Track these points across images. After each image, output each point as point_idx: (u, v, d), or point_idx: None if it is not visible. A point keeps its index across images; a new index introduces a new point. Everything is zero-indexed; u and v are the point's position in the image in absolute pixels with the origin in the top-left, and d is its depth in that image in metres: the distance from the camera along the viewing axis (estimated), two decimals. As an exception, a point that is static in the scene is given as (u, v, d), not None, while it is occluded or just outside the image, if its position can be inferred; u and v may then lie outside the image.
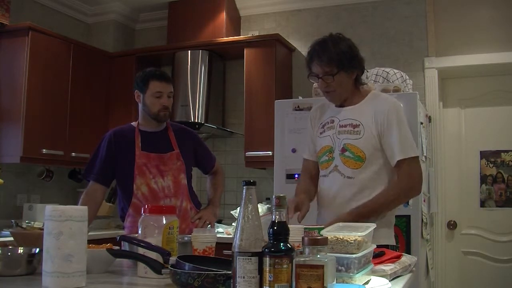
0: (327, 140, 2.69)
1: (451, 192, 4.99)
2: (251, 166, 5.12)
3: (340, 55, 2.56)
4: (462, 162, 5.00)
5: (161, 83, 3.17)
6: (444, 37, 4.90)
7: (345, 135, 2.61)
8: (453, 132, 5.06)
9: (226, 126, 5.58)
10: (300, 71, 5.33)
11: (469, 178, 4.97)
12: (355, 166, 2.56)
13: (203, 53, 5.38)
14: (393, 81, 4.28)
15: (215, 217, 3.34)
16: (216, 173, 3.54)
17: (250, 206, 1.51)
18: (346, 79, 2.61)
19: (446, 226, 4.98)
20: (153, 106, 3.17)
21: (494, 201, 4.89)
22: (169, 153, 3.20)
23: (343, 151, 2.59)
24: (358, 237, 1.69)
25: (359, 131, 2.58)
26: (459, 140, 5.05)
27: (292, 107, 4.37)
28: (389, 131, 2.53)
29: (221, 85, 5.67)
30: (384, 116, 2.55)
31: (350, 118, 2.63)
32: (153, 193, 3.10)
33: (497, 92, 4.94)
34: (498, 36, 4.72)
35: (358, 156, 2.55)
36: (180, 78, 5.35)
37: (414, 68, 4.92)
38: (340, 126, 2.64)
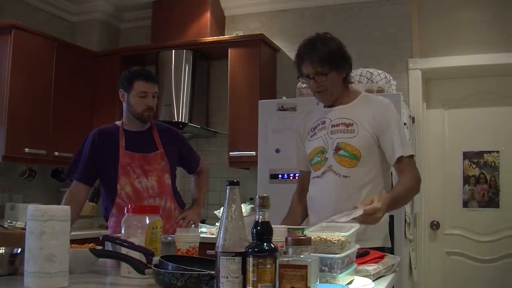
0: (318, 141, 2.68)
1: (434, 193, 5.02)
2: (234, 166, 5.12)
3: (331, 53, 2.57)
4: (445, 163, 5.04)
5: (146, 83, 3.16)
6: (428, 39, 4.93)
7: (338, 134, 2.61)
8: (437, 133, 5.09)
9: (210, 126, 5.57)
10: (284, 71, 5.34)
11: (452, 178, 5.00)
12: (350, 164, 2.56)
13: (187, 52, 5.37)
14: (377, 82, 4.29)
15: (199, 217, 3.34)
16: (201, 173, 3.54)
17: (234, 206, 1.51)
18: (337, 78, 2.62)
19: (429, 227, 5.01)
20: (137, 106, 3.16)
21: (476, 201, 4.93)
22: (153, 153, 3.19)
23: (337, 150, 2.59)
24: (341, 237, 1.69)
25: (353, 130, 2.58)
26: (442, 141, 5.08)
27: (276, 107, 4.37)
28: (388, 130, 2.56)
29: (205, 85, 5.66)
30: (384, 116, 2.58)
31: (342, 117, 2.64)
32: (137, 193, 3.09)
33: (480, 94, 4.98)
34: (482, 38, 4.76)
35: (354, 154, 2.56)
36: (164, 77, 5.34)
37: (398, 69, 4.94)
38: (332, 126, 2.64)
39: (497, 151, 4.90)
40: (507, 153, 4.88)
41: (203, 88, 5.61)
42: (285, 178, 4.23)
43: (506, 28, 4.70)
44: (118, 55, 5.60)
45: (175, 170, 3.34)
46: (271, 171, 4.30)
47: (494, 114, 4.93)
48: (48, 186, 5.48)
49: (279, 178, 4.25)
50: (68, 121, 5.25)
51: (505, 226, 4.82)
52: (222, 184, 5.34)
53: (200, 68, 5.55)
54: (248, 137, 4.81)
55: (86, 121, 5.43)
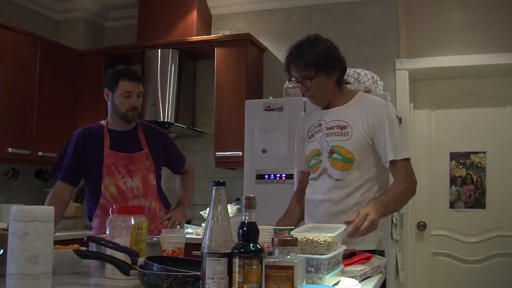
0: (315, 143, 2.68)
1: (421, 193, 5.03)
2: (220, 166, 5.12)
3: (317, 57, 2.54)
4: (432, 163, 5.06)
5: (131, 83, 3.15)
6: (415, 39, 4.95)
7: (332, 137, 2.60)
8: (423, 134, 5.12)
9: (196, 126, 5.57)
10: (271, 71, 5.34)
11: (438, 179, 5.03)
12: (343, 168, 2.55)
13: (173, 52, 5.36)
14: (364, 82, 4.31)
15: (184, 218, 3.33)
16: (186, 173, 3.53)
17: (220, 206, 1.51)
18: (326, 81, 2.60)
19: (416, 227, 5.03)
20: (121, 105, 3.15)
21: (463, 202, 4.96)
22: (138, 152, 3.18)
23: (331, 153, 2.59)
24: (328, 238, 1.69)
25: (347, 133, 2.57)
26: (429, 142, 5.11)
27: (263, 107, 4.37)
28: (382, 132, 2.53)
29: (191, 85, 5.65)
30: (377, 117, 2.55)
31: (337, 120, 2.62)
32: (121, 193, 3.08)
33: (467, 94, 5.01)
34: (469, 38, 4.78)
35: (347, 158, 2.54)
36: (150, 77, 5.32)
37: (385, 69, 4.96)
38: (327, 129, 2.63)
39: (483, 152, 4.94)
40: (493, 154, 4.92)
41: (189, 87, 5.60)
42: (271, 179, 4.23)
43: (493, 29, 4.73)
44: (103, 54, 5.57)
45: (160, 170, 3.33)
46: (258, 172, 4.30)
47: (481, 115, 4.96)
48: (31, 186, 5.45)
49: (266, 178, 4.25)
50: (52, 120, 5.22)
51: (491, 226, 4.85)
52: (208, 185, 5.34)
53: (186, 68, 5.54)
54: (235, 137, 4.81)
55: (70, 120, 5.40)
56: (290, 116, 4.21)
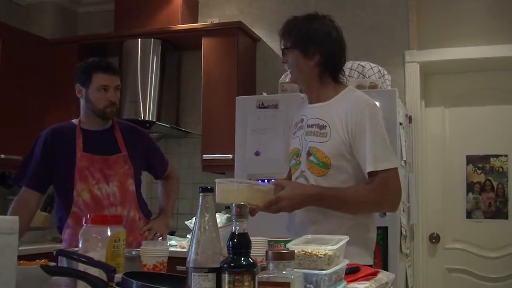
0: (296, 141, 2.69)
1: (434, 202, 5.04)
2: (208, 170, 5.11)
3: (297, 30, 2.61)
4: (446, 167, 5.07)
5: (107, 75, 3.15)
6: (427, 28, 4.95)
7: (311, 136, 2.60)
8: (436, 134, 5.12)
9: (181, 125, 5.57)
10: (265, 63, 5.34)
11: (454, 185, 5.03)
12: (319, 173, 2.55)
13: (155, 42, 5.36)
14: (370, 77, 4.31)
15: (167, 228, 3.33)
16: (169, 178, 3.53)
17: (207, 215, 1.51)
18: (301, 62, 2.61)
19: (428, 240, 5.04)
20: (97, 101, 3.15)
21: (482, 211, 4.96)
22: (115, 155, 3.18)
23: (308, 154, 2.58)
24: (328, 251, 1.69)
25: (325, 133, 2.55)
26: (442, 143, 5.11)
27: (256, 104, 4.37)
28: (360, 138, 2.48)
29: (175, 79, 5.65)
30: (355, 119, 2.50)
31: (317, 118, 2.61)
32: (96, 201, 3.08)
33: (485, 90, 5.01)
34: (487, 27, 4.79)
35: (323, 162, 2.53)
36: (129, 70, 5.32)
37: (393, 62, 4.97)
38: (308, 126, 2.63)
39: (505, 155, 4.94)
40: (516, 157, 4.93)
41: (173, 82, 5.60)
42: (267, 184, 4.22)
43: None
44: (75, 44, 5.56)
45: (140, 175, 3.33)
46: (250, 176, 4.29)
47: (502, 112, 4.97)
48: (-7, 193, 5.43)
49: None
50: (16, 119, 5.20)
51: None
52: (194, 191, 5.34)
53: (170, 60, 5.54)
54: (224, 138, 4.81)
55: (37, 118, 5.37)
56: (286, 114, 4.20)
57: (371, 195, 2.47)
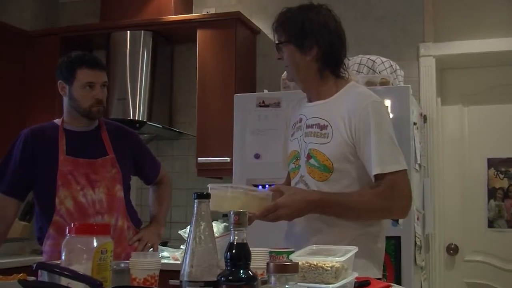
0: (294, 143, 2.69)
1: (452, 209, 5.04)
2: (204, 174, 5.11)
3: (291, 23, 2.61)
4: (465, 172, 5.06)
5: (93, 71, 3.15)
6: (444, 19, 4.95)
7: (311, 138, 2.59)
8: (454, 135, 5.12)
9: (174, 126, 5.58)
10: (266, 58, 5.34)
11: (473, 191, 5.03)
12: (320, 177, 2.54)
13: (146, 34, 5.37)
14: (380, 72, 4.31)
15: (159, 238, 3.33)
16: (161, 183, 3.54)
17: (203, 224, 1.51)
18: (297, 57, 2.61)
19: (446, 251, 5.03)
20: (83, 100, 3.15)
21: (505, 220, 4.95)
22: (101, 158, 3.18)
23: (308, 157, 2.58)
24: (336, 263, 1.69)
25: (326, 134, 2.54)
26: (461, 145, 5.11)
27: (256, 102, 4.37)
28: (365, 138, 2.47)
29: (168, 75, 5.66)
30: (359, 117, 2.49)
31: (317, 117, 2.60)
32: (80, 209, 3.08)
33: (508, 86, 5.00)
34: (510, 17, 4.79)
35: (324, 166, 2.52)
36: (117, 65, 5.33)
37: (406, 56, 4.97)
38: (307, 127, 2.63)
39: (530, 158, 4.95)
40: (542, 160, 4.93)
41: (165, 78, 5.61)
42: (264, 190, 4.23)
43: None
44: (57, 36, 5.56)
45: (129, 180, 3.33)
46: (249, 181, 4.29)
47: (526, 111, 4.97)
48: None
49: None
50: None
51: (540, 251, 4.86)
52: (188, 197, 5.35)
53: (161, 54, 5.55)
54: (221, 140, 4.82)
55: (16, 118, 5.37)
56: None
57: (378, 200, 2.46)
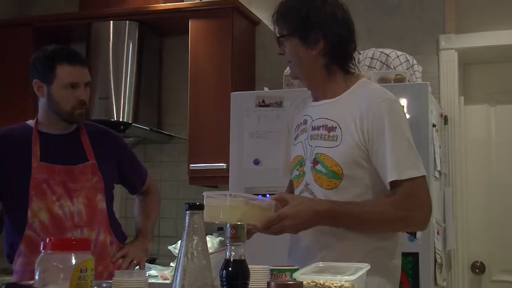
0: (298, 148, 2.68)
1: (477, 222, 5.03)
2: (197, 183, 5.12)
3: (294, 13, 2.59)
4: (492, 179, 5.06)
5: (75, 68, 3.14)
6: (468, 6, 4.94)
7: (317, 141, 2.58)
8: (479, 138, 5.12)
9: (163, 128, 5.59)
10: (266, 51, 5.35)
11: (501, 202, 5.02)
12: (328, 185, 2.52)
13: (131, 25, 5.38)
14: (395, 67, 4.32)
15: (145, 255, 3.33)
16: (148, 193, 3.54)
17: (196, 238, 1.51)
18: (301, 51, 2.59)
19: (470, 270, 5.02)
20: (65, 101, 3.13)
21: (538, 234, 4.96)
22: (81, 164, 3.18)
23: (314, 163, 2.56)
24: (345, 283, 1.69)
25: (335, 136, 2.53)
26: (487, 150, 5.11)
27: (255, 101, 4.37)
28: (379, 140, 2.46)
29: (156, 71, 5.67)
30: (372, 117, 2.48)
31: (325, 118, 2.59)
32: (57, 222, 3.07)
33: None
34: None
35: (333, 172, 2.50)
36: (99, 60, 5.33)
37: (425, 50, 4.98)
38: (313, 128, 2.62)
39: None
40: None
41: (153, 74, 5.62)
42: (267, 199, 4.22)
43: None
44: (30, 26, 5.56)
45: (112, 189, 3.33)
46: (248, 190, 4.28)
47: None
48: None
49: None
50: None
51: None
52: (179, 208, 5.33)
53: (149, 47, 5.56)
54: (216, 144, 4.83)
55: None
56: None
57: (394, 210, 2.44)
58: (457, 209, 4.85)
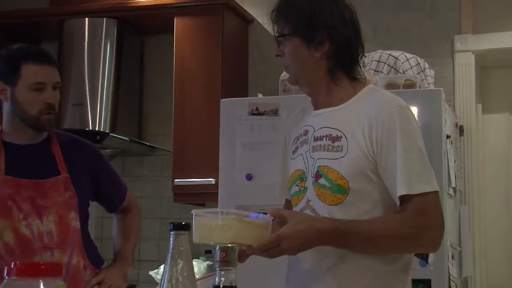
0: (298, 161, 2.66)
1: (496, 245, 5.04)
2: (182, 200, 5.12)
3: (295, 9, 2.58)
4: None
5: (41, 67, 3.12)
6: (487, 4, 4.97)
7: (320, 152, 2.57)
8: (499, 151, 5.13)
9: (145, 139, 5.60)
10: (260, 53, 5.36)
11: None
12: (332, 200, 2.50)
13: (109, 22, 5.40)
14: (405, 72, 4.33)
15: (124, 281, 3.33)
16: (128, 211, 3.52)
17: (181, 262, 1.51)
18: (303, 53, 2.58)
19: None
20: (30, 104, 3.12)
21: None
22: (52, 178, 3.16)
23: (317, 177, 2.55)
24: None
25: (340, 147, 2.52)
26: (507, 162, 5.13)
27: (248, 109, 4.38)
28: (389, 149, 2.46)
29: (137, 74, 5.68)
30: (381, 125, 2.48)
31: (328, 127, 2.58)
32: (23, 243, 3.06)
33: None
34: None
35: (338, 186, 2.49)
36: (72, 61, 5.34)
37: (438, 52, 5.00)
38: (315, 139, 2.61)
39: None
40: None
41: (134, 78, 5.64)
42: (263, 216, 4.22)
43: None
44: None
45: (87, 207, 3.32)
46: (240, 208, 4.27)
47: None
48: None
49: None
50: None
51: None
52: (162, 229, 5.35)
53: (129, 48, 5.58)
54: (204, 156, 4.85)
55: None
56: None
57: (405, 228, 2.41)
58: (474, 231, 4.86)
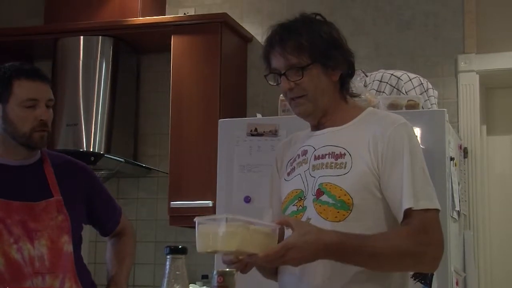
0: (296, 181, 2.66)
1: (502, 271, 5.02)
2: (179, 223, 5.11)
3: (315, 39, 2.56)
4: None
5: (34, 84, 3.12)
6: (491, 23, 4.97)
7: (322, 170, 2.57)
8: (504, 174, 5.13)
9: (140, 160, 5.60)
10: (259, 72, 5.32)
11: (531, 248, 5.03)
12: (336, 217, 2.50)
13: (105, 41, 5.40)
14: (407, 92, 4.33)
15: (119, 307, 3.31)
16: (122, 234, 3.52)
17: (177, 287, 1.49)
18: (323, 80, 2.59)
19: (493, 322, 5.02)
20: (22, 121, 3.11)
21: None
22: (44, 201, 3.15)
23: (318, 194, 2.55)
24: None
25: (343, 164, 2.54)
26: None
27: (247, 130, 4.38)
28: (393, 165, 2.48)
29: (133, 93, 5.69)
30: (387, 141, 2.51)
31: (331, 145, 2.60)
32: (14, 268, 3.04)
33: None
34: None
35: (341, 202, 2.49)
36: (66, 80, 5.35)
37: (441, 72, 5.01)
38: (316, 158, 2.62)
39: None
40: None
41: (129, 98, 5.64)
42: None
43: None
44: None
45: (80, 230, 3.31)
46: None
47: None
48: None
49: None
50: None
51: None
52: (158, 253, 5.33)
53: (125, 66, 5.58)
54: (201, 178, 4.85)
55: None
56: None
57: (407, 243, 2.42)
58: (479, 256, 4.84)
